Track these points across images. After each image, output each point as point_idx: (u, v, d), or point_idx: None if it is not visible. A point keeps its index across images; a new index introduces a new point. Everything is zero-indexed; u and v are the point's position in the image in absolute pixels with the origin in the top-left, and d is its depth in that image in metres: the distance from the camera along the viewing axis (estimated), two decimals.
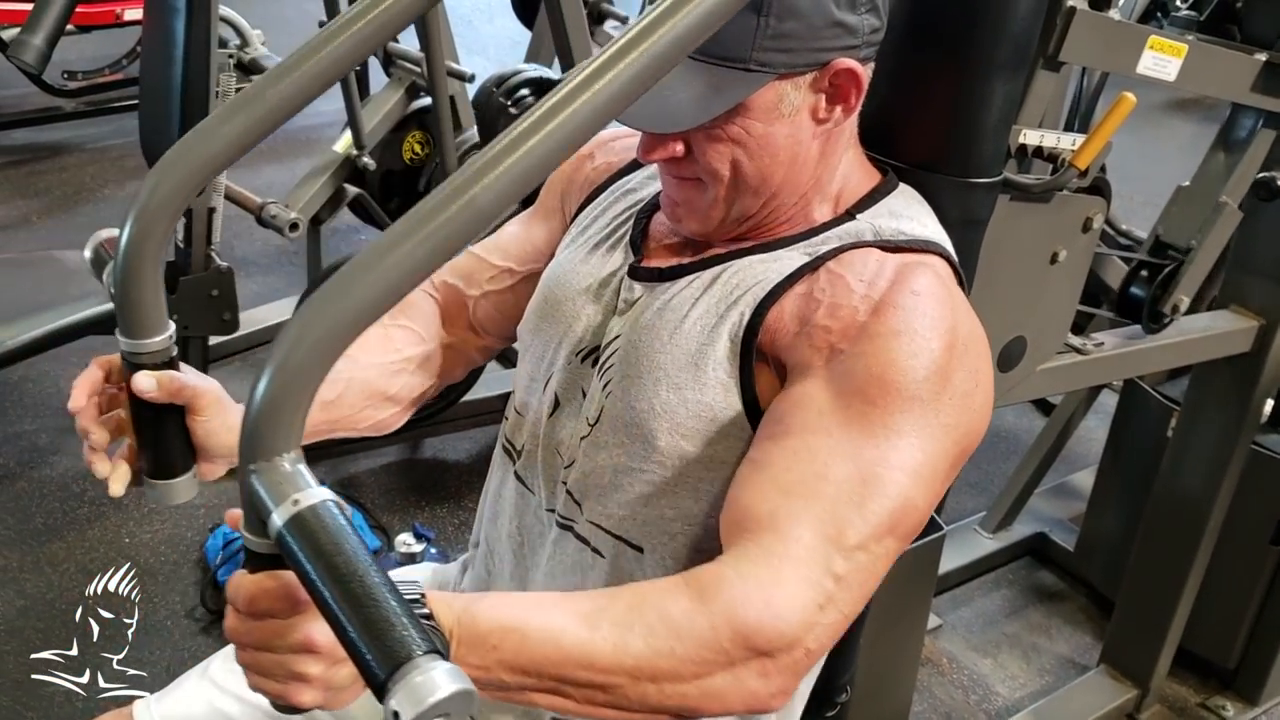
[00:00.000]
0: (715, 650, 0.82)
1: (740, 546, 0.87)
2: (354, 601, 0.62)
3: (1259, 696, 2.27)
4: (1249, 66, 1.44)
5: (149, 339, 0.91)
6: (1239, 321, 1.81)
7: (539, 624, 0.80)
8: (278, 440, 0.67)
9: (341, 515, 0.66)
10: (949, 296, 0.97)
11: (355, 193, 3.23)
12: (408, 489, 2.70)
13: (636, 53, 0.72)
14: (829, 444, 0.89)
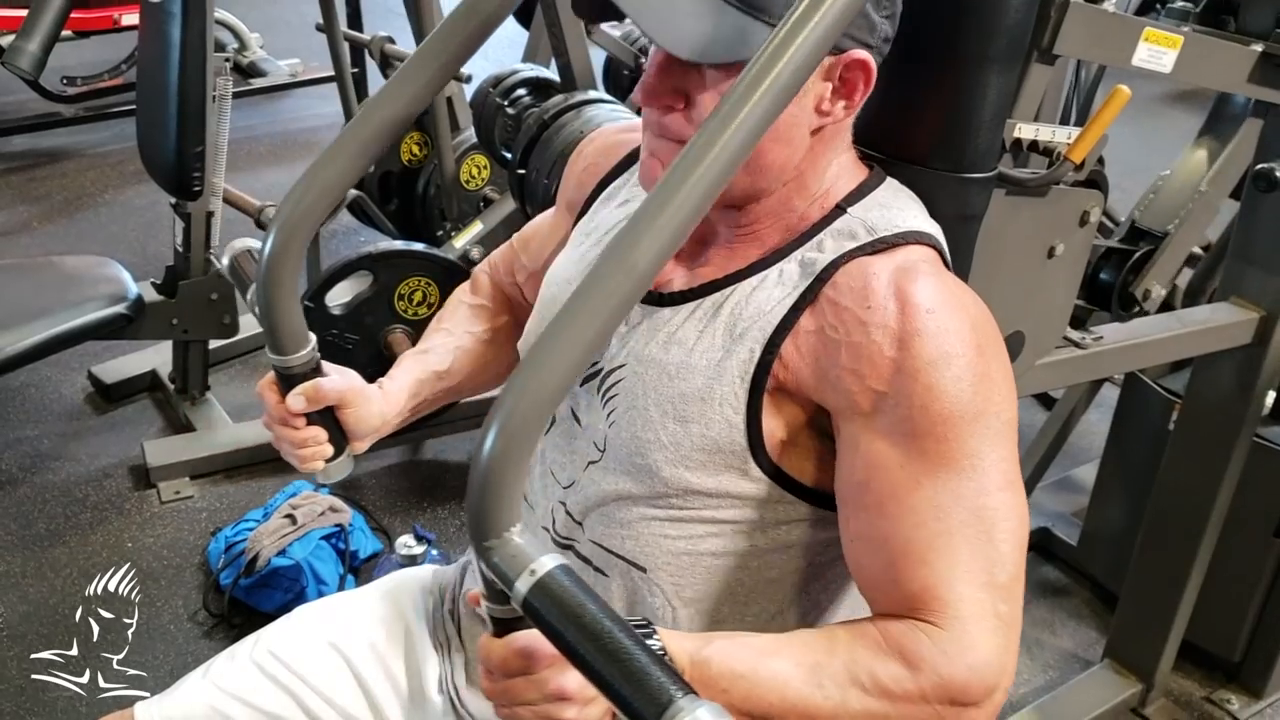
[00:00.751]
0: (924, 712, 0.90)
1: (919, 622, 0.92)
2: (609, 654, 0.71)
3: (1264, 689, 2.26)
4: (1245, 57, 1.43)
5: (295, 355, 1.06)
6: (1239, 314, 1.81)
7: (766, 674, 0.89)
8: (503, 518, 0.75)
9: (572, 576, 0.75)
10: (952, 293, 0.97)
11: (354, 194, 3.22)
12: (408, 490, 2.70)
13: None
14: (929, 497, 0.93)
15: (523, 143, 2.56)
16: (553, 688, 0.81)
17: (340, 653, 1.22)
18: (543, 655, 0.80)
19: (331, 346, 2.58)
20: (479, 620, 1.24)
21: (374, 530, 2.47)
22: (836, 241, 1.00)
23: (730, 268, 1.04)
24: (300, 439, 1.11)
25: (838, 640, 0.93)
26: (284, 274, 1.03)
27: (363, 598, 1.30)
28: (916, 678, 0.90)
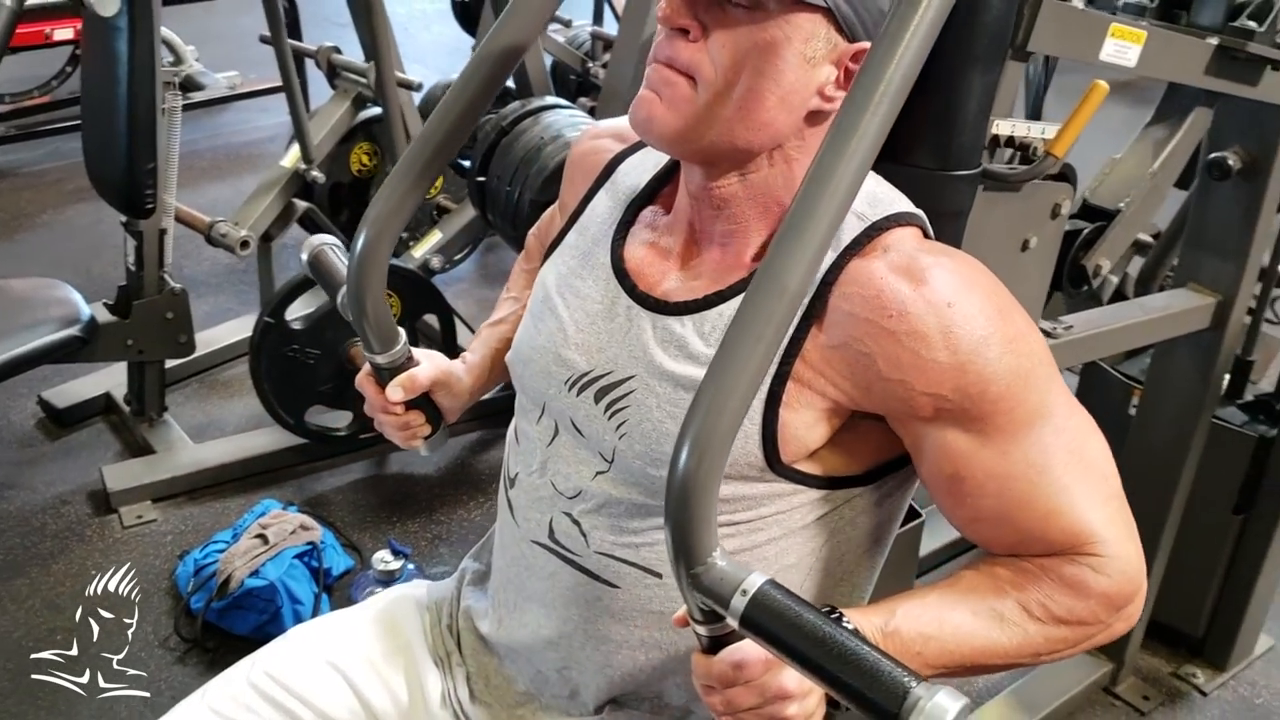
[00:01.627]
0: (1097, 625, 1.00)
1: (1075, 556, 0.98)
2: (838, 656, 0.76)
3: (1227, 662, 2.33)
4: (1202, 50, 1.47)
5: (390, 351, 1.18)
6: (1197, 299, 1.86)
7: (951, 629, 0.96)
8: (705, 545, 0.81)
9: (780, 588, 0.80)
10: (957, 273, 0.97)
11: (305, 207, 3.20)
12: (377, 506, 2.68)
13: None
14: (1022, 459, 0.97)
15: (481, 150, 2.55)
16: (774, 689, 0.88)
17: (339, 671, 1.21)
18: (754, 663, 0.87)
19: (292, 362, 2.56)
20: (479, 637, 1.24)
21: (345, 547, 2.44)
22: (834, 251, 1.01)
23: (730, 277, 1.03)
24: (401, 423, 1.24)
25: (1002, 581, 1.00)
26: (373, 276, 1.13)
27: (358, 616, 1.29)
28: (1087, 603, 0.98)
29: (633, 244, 1.11)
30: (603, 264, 1.11)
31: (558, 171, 2.39)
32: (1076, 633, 0.99)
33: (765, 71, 0.95)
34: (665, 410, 1.01)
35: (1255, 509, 2.18)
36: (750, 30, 0.95)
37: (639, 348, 1.05)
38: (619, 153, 1.19)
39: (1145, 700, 2.26)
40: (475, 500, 2.74)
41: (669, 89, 0.98)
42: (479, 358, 1.31)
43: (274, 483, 2.69)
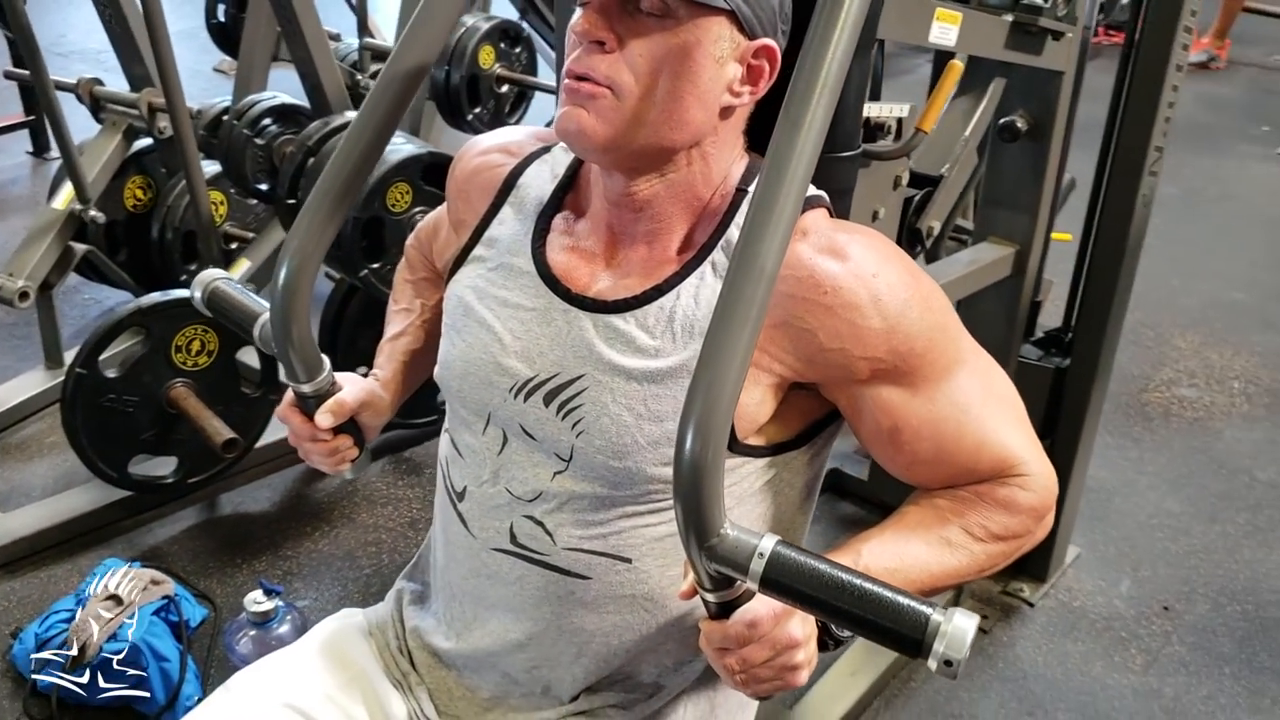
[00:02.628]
0: (1026, 535, 1.12)
1: (1005, 479, 1.11)
2: (860, 597, 0.84)
3: (1046, 574, 2.58)
4: (1000, 27, 1.64)
5: (316, 380, 1.19)
6: (998, 250, 2.06)
7: (910, 559, 1.06)
8: (717, 519, 0.87)
9: (791, 545, 0.87)
10: (870, 245, 1.08)
11: (84, 250, 3.02)
12: (218, 550, 2.58)
13: None
14: (947, 402, 1.09)
15: (289, 172, 2.50)
16: (785, 640, 0.94)
17: (299, 711, 1.20)
18: (766, 618, 0.93)
19: (110, 412, 2.43)
20: (432, 654, 1.25)
21: (196, 597, 2.34)
22: None
23: (663, 272, 1.10)
24: (330, 448, 1.26)
25: (944, 510, 1.11)
26: (298, 306, 1.14)
27: (302, 653, 1.28)
28: (1019, 518, 1.11)
29: (553, 250, 1.15)
30: (527, 272, 1.14)
31: (379, 186, 2.39)
32: (1011, 545, 1.12)
33: (682, 74, 1.02)
34: (622, 404, 1.07)
35: (1058, 433, 2.42)
36: (664, 37, 1.01)
37: (583, 347, 1.09)
38: (514, 166, 1.22)
39: (985, 619, 2.47)
40: (319, 530, 2.68)
41: (593, 101, 1.03)
42: (390, 373, 1.35)
43: (100, 542, 2.54)
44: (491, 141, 1.27)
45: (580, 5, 1.04)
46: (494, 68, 3.60)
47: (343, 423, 1.24)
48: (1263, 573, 2.66)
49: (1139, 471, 3.06)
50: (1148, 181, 2.15)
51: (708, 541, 0.87)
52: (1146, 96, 2.05)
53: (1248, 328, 3.93)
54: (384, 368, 1.35)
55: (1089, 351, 2.34)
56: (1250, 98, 6.73)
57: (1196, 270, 4.30)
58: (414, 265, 1.42)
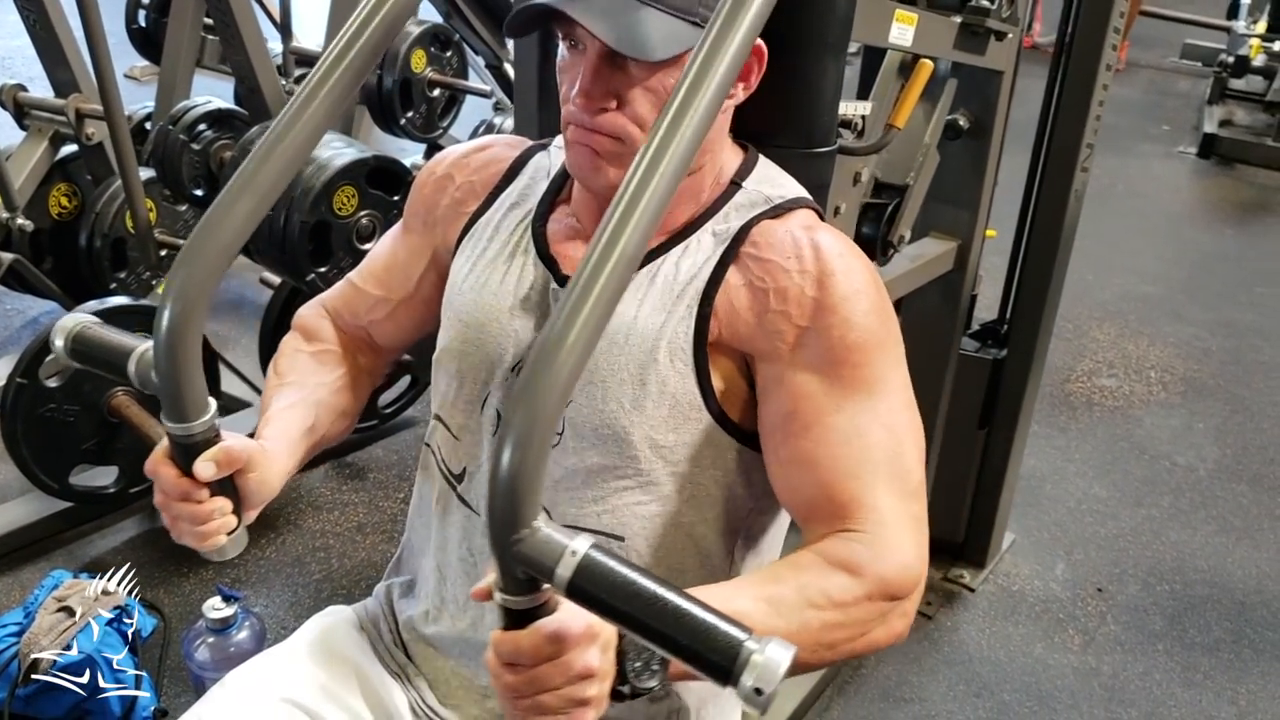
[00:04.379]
0: (872, 610, 1.02)
1: (851, 531, 1.05)
2: (673, 614, 0.75)
3: (985, 560, 2.67)
4: (950, 28, 1.71)
5: (199, 420, 0.99)
6: (941, 245, 2.13)
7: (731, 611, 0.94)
8: (529, 509, 0.78)
9: (609, 551, 0.78)
10: (847, 242, 1.13)
11: (10, 259, 2.95)
12: (163, 559, 2.53)
13: None
14: (850, 418, 1.06)
15: (230, 176, 2.46)
16: (579, 667, 0.84)
17: (297, 705, 1.20)
18: (573, 636, 0.82)
19: (50, 423, 2.38)
20: (428, 644, 1.26)
21: (146, 609, 2.30)
22: (740, 212, 1.14)
23: (650, 244, 1.13)
24: (206, 513, 1.03)
25: (783, 571, 1.03)
26: (189, 336, 0.95)
27: (294, 650, 1.27)
28: (861, 582, 1.01)
29: (554, 234, 1.19)
30: (527, 254, 1.18)
31: (325, 190, 2.38)
32: (852, 616, 1.01)
33: None
34: (607, 369, 1.10)
35: (995, 422, 2.51)
36: (657, 79, 1.06)
37: None
38: (518, 156, 1.27)
39: (929, 605, 2.54)
40: (265, 538, 2.64)
41: (605, 152, 1.08)
42: (280, 445, 1.15)
43: (41, 555, 2.48)
44: (488, 139, 1.32)
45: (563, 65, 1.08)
46: (426, 72, 3.60)
47: (222, 481, 1.03)
48: (1188, 553, 2.78)
49: (1067, 459, 3.17)
50: (1080, 177, 2.24)
51: (515, 534, 0.77)
52: (1079, 96, 2.14)
53: (1160, 319, 4.10)
54: (274, 439, 1.15)
55: (1025, 342, 2.43)
56: (1149, 98, 7.00)
57: (1109, 265, 4.46)
58: (318, 334, 1.33)
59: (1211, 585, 2.66)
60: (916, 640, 2.45)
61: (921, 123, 1.76)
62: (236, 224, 0.97)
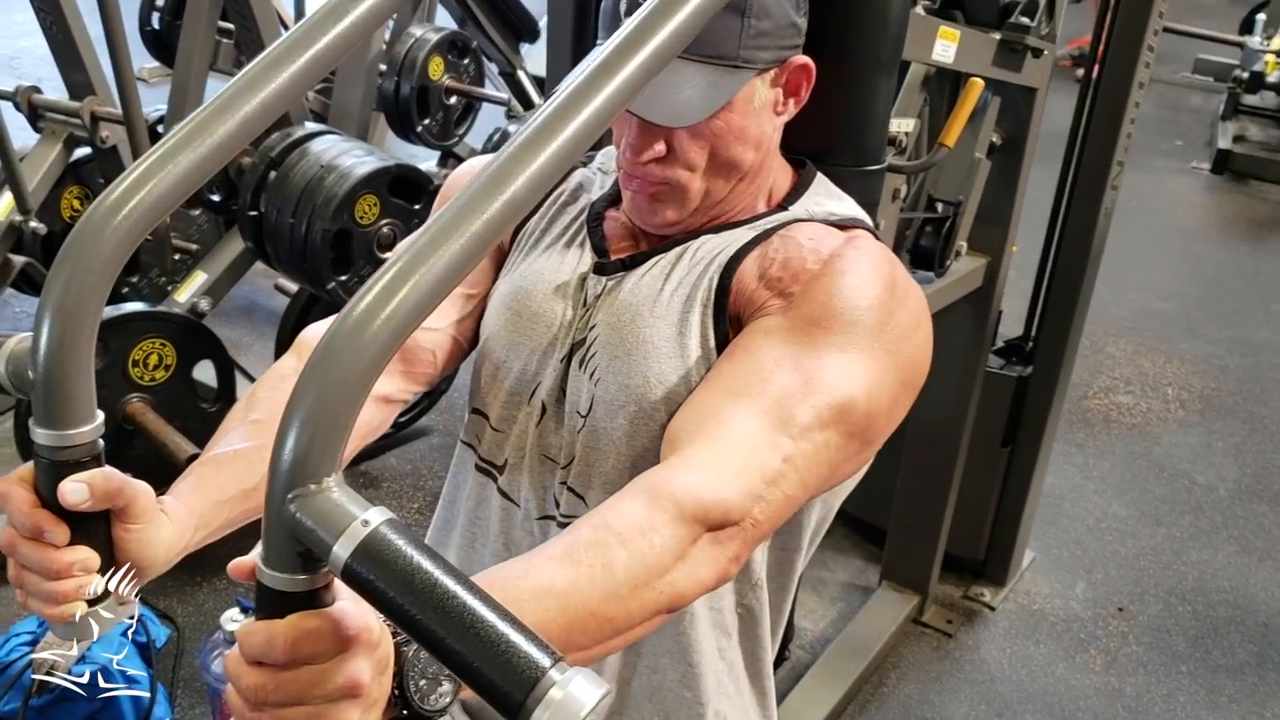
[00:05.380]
0: (682, 532, 0.85)
1: (687, 442, 0.93)
2: (462, 623, 0.58)
3: (1005, 578, 2.65)
4: (990, 45, 1.69)
5: (78, 429, 0.77)
6: (975, 262, 2.10)
7: (529, 586, 0.78)
8: (324, 461, 0.60)
9: (408, 531, 0.60)
10: (886, 254, 1.09)
11: (22, 262, 2.92)
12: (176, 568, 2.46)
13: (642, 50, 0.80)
14: (774, 355, 0.97)
15: (251, 184, 2.45)
16: (343, 680, 0.64)
17: None
18: (346, 638, 0.64)
19: None
20: None
21: (160, 618, 2.28)
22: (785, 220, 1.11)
23: (690, 229, 1.12)
24: (61, 564, 0.79)
25: (587, 515, 0.88)
26: (83, 325, 0.77)
27: None
28: (665, 501, 0.85)
29: (611, 238, 1.16)
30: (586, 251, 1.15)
31: (348, 198, 2.36)
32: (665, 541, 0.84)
33: (732, 145, 1.06)
34: (632, 341, 1.06)
35: (1018, 440, 2.49)
36: (705, 125, 1.03)
37: (598, 301, 1.11)
38: None
39: (949, 624, 2.52)
40: None
41: (659, 197, 1.08)
42: (186, 507, 0.92)
43: None
44: None
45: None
46: (443, 79, 3.58)
47: (88, 530, 0.80)
48: (1210, 573, 2.76)
49: (1085, 476, 3.15)
50: (1109, 195, 2.22)
51: (297, 487, 0.61)
52: (1111, 113, 2.13)
53: (1176, 336, 4.08)
54: (180, 495, 0.93)
55: (1050, 360, 2.41)
56: (1162, 113, 6.98)
57: (1124, 281, 4.44)
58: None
59: (1234, 606, 2.64)
60: (938, 659, 2.43)
61: (970, 140, 1.74)
62: (152, 198, 0.79)
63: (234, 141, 0.86)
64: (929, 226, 1.66)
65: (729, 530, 0.89)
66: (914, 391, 1.08)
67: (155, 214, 0.82)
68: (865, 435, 1.01)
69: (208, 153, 0.83)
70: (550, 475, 1.13)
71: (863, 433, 1.00)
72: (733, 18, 1.00)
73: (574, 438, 1.10)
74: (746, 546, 0.92)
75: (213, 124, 0.83)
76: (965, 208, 1.70)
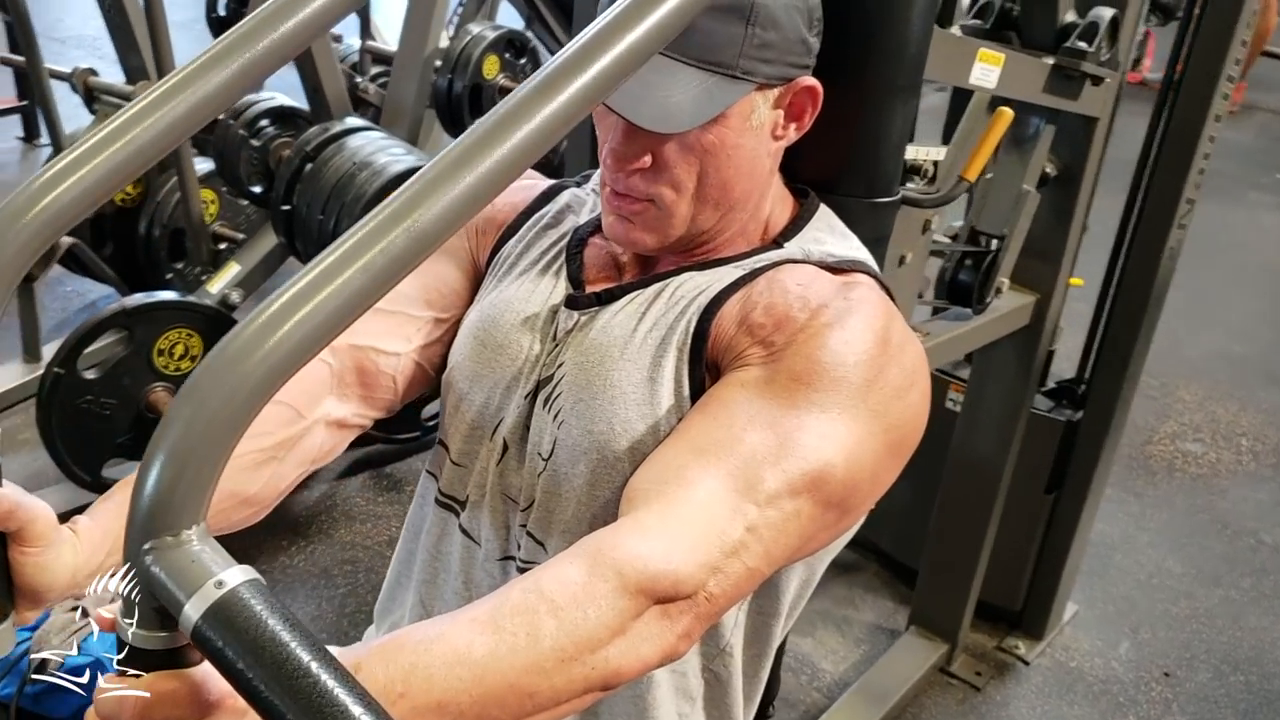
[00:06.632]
0: (623, 604, 0.77)
1: (643, 502, 0.85)
2: (310, 706, 0.52)
3: (1043, 631, 2.50)
4: (1041, 70, 1.57)
5: None
6: (1021, 298, 1.98)
7: (442, 652, 0.72)
8: (186, 509, 0.56)
9: (271, 596, 0.55)
10: (883, 304, 1.00)
11: (69, 243, 2.92)
12: None
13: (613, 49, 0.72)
14: (749, 411, 0.89)
15: (285, 177, 2.42)
16: None
17: None
18: (206, 704, 0.60)
19: (86, 414, 2.34)
20: None
21: None
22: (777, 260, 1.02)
23: (674, 265, 1.05)
24: None
25: (521, 576, 0.81)
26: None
27: None
28: (606, 567, 0.78)
29: (590, 266, 1.09)
30: (561, 280, 1.08)
31: (378, 196, 2.30)
32: (601, 613, 0.76)
33: (724, 165, 0.98)
34: (597, 386, 0.99)
35: (1064, 487, 2.35)
36: (696, 138, 0.95)
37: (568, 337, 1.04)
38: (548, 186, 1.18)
39: (978, 675, 2.39)
40: (296, 545, 2.59)
41: (637, 216, 1.00)
42: (101, 530, 0.88)
43: None
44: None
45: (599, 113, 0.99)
46: (498, 78, 3.51)
47: None
48: (1268, 642, 2.58)
49: (1140, 527, 2.98)
50: (1175, 234, 2.08)
51: (153, 538, 0.56)
52: (1182, 146, 1.99)
53: (1253, 383, 3.87)
54: (97, 516, 0.88)
55: (1103, 404, 2.27)
56: (1262, 144, 6.68)
57: (1202, 320, 4.24)
58: None
59: None
60: (962, 713, 2.31)
61: (1017, 170, 1.63)
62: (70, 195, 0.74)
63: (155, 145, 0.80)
64: (969, 260, 1.56)
65: (680, 604, 0.81)
66: (903, 456, 0.98)
67: (64, 219, 0.76)
68: (843, 504, 0.92)
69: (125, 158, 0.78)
70: (511, 516, 1.06)
71: (840, 502, 0.91)
72: (735, 23, 0.92)
73: (534, 480, 1.03)
74: (699, 622, 0.84)
75: (129, 128, 0.78)
76: (1009, 242, 1.59)
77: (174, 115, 0.80)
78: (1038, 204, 1.82)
